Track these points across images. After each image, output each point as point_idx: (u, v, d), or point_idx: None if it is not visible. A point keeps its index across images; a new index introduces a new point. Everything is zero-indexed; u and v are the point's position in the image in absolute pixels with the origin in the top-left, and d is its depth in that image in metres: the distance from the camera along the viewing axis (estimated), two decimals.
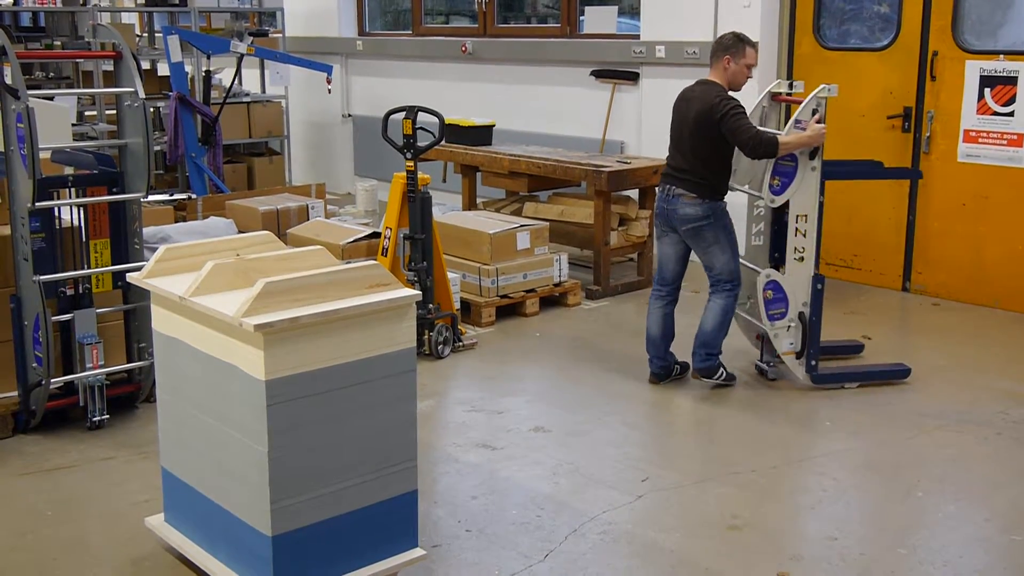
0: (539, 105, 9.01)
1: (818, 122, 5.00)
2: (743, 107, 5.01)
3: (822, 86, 5.07)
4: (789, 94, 5.41)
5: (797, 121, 5.04)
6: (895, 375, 5.40)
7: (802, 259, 5.16)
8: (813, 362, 5.23)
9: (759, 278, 5.13)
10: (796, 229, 5.11)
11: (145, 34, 10.58)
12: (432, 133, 5.83)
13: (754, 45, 5.15)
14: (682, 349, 5.42)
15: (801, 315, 5.18)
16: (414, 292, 3.29)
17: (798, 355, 5.24)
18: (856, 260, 7.39)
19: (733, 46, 5.09)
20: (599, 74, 8.46)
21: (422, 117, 5.81)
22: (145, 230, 5.03)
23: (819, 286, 5.16)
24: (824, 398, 5.16)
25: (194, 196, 7.83)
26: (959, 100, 6.70)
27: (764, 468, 4.40)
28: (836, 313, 6.62)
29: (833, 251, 7.49)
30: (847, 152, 7.26)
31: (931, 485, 4.25)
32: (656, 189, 5.51)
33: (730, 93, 5.08)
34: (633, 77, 8.21)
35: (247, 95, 9.90)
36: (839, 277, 7.45)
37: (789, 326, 5.19)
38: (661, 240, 5.35)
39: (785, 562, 3.64)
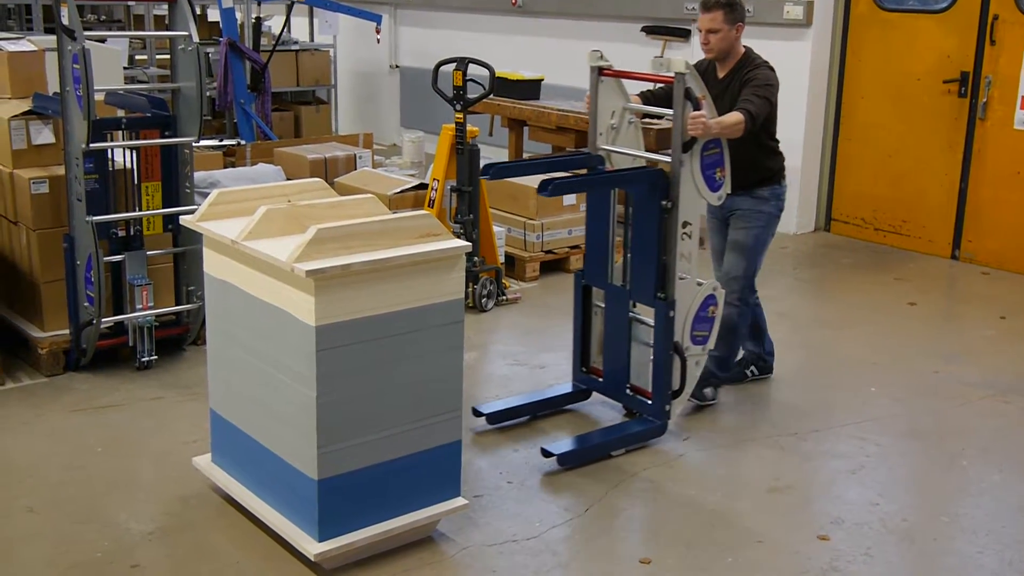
0: None
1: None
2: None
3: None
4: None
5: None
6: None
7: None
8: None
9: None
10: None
11: None
12: (482, 85, 5.80)
13: (704, 4, 4.53)
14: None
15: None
16: (464, 243, 3.30)
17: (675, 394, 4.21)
18: (905, 226, 7.29)
19: None
20: (650, 30, 8.36)
21: (472, 69, 5.78)
22: (195, 175, 5.06)
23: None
24: (869, 365, 5.12)
25: (243, 142, 7.87)
26: (1019, 66, 6.55)
27: (806, 431, 4.38)
28: (884, 279, 6.58)
29: (881, 216, 7.40)
30: (901, 116, 7.16)
31: (976, 454, 4.22)
32: None
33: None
34: (684, 34, 8.10)
35: (296, 43, 9.90)
36: (887, 243, 7.36)
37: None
38: None
39: (826, 525, 3.64)
